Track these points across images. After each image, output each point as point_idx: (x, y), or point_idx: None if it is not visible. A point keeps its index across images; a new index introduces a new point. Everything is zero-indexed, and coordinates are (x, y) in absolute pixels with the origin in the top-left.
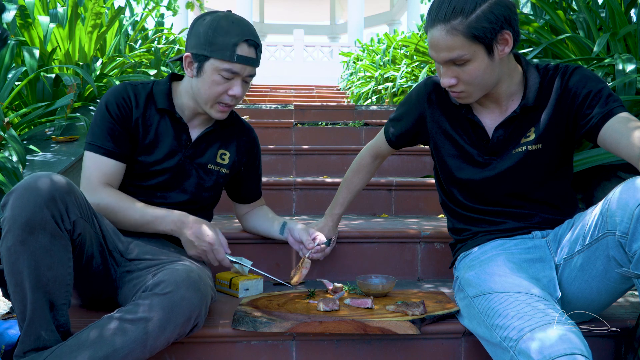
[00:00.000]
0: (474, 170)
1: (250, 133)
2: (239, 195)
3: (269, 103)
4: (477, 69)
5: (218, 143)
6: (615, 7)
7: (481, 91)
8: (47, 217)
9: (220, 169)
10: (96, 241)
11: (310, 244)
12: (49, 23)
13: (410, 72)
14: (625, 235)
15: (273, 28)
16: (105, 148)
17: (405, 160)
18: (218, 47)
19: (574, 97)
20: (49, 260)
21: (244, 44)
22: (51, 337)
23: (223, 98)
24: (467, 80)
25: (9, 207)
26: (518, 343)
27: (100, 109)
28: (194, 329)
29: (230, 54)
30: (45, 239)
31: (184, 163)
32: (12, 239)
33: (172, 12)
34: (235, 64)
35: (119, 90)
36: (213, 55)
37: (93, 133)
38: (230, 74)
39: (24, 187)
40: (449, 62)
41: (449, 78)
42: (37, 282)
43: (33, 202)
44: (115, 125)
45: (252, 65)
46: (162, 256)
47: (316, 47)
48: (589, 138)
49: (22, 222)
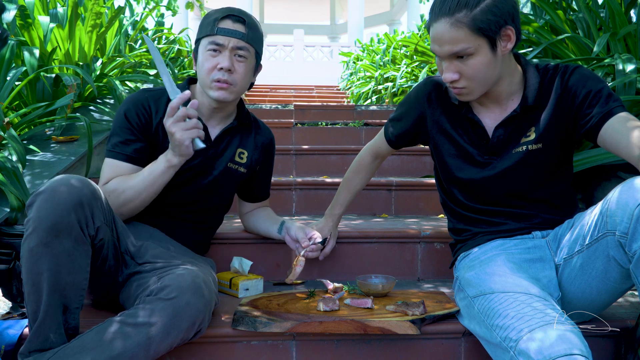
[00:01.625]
0: (474, 170)
1: (267, 132)
2: (249, 194)
3: (269, 103)
4: (480, 64)
5: (237, 142)
6: (615, 7)
7: (483, 87)
8: (73, 222)
9: (239, 168)
10: (111, 244)
11: (306, 242)
12: (49, 23)
13: (410, 72)
14: (625, 235)
15: (273, 28)
16: (125, 154)
17: (405, 160)
18: (203, 26)
19: (574, 96)
20: (70, 265)
21: (227, 19)
22: (58, 340)
23: (214, 74)
24: (469, 75)
25: (35, 207)
26: (518, 343)
27: (119, 116)
28: (198, 334)
29: (212, 27)
30: (69, 244)
31: (205, 162)
32: (36, 239)
33: (172, 12)
34: (217, 36)
35: (137, 98)
36: (200, 35)
37: (113, 140)
38: (215, 46)
39: (52, 188)
40: (452, 56)
41: (452, 73)
42: (56, 286)
43: (61, 205)
44: (134, 132)
45: (236, 37)
46: (169, 259)
47: (316, 47)
48: (589, 138)
49: (48, 224)
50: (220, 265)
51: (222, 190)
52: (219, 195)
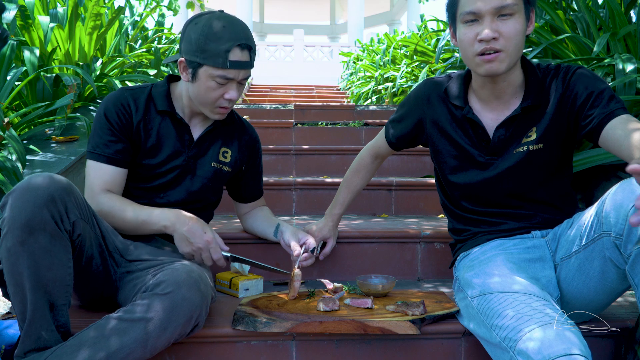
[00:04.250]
0: (474, 171)
1: (251, 131)
2: (239, 194)
3: (269, 103)
4: (517, 26)
5: (220, 141)
6: (615, 7)
7: (512, 58)
8: (46, 218)
9: (223, 167)
10: (96, 242)
11: (297, 252)
12: (49, 23)
13: (410, 72)
14: (620, 237)
15: (273, 28)
16: (106, 155)
17: (405, 160)
18: (210, 54)
19: (576, 97)
20: (49, 260)
21: (237, 48)
22: (52, 337)
23: (220, 102)
24: (508, 34)
25: (8, 207)
26: (517, 343)
27: (99, 117)
28: (195, 329)
29: (223, 61)
30: (45, 240)
31: (188, 163)
32: (11, 239)
33: (173, 12)
34: (229, 70)
35: (117, 97)
36: (206, 62)
37: (93, 141)
38: (224, 80)
39: (23, 187)
40: (496, 12)
41: (492, 32)
42: (37, 283)
43: (32, 202)
44: (115, 132)
45: (246, 68)
46: (161, 256)
47: (316, 47)
48: (590, 138)
49: (21, 222)
50: (214, 264)
51: (208, 189)
52: (205, 194)
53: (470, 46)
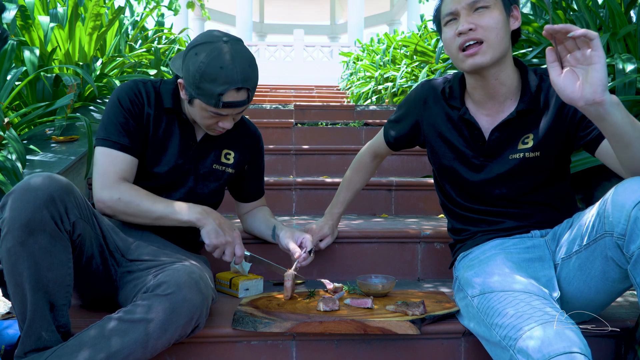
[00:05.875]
0: (469, 173)
1: (253, 130)
2: (241, 194)
3: (269, 103)
4: (495, 18)
5: (223, 143)
6: (615, 7)
7: (495, 50)
8: (46, 218)
9: (226, 169)
10: (96, 241)
11: (297, 254)
12: (49, 23)
13: (410, 72)
14: (622, 237)
15: (273, 28)
16: (121, 143)
17: (405, 160)
18: (204, 93)
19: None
20: (49, 261)
21: (232, 91)
22: (52, 338)
23: (214, 127)
24: (485, 25)
25: (7, 208)
26: (517, 342)
27: (113, 104)
28: (195, 330)
29: (216, 102)
30: (45, 240)
31: (189, 164)
32: (11, 240)
33: (173, 12)
34: (222, 109)
35: (130, 87)
36: (200, 98)
37: (106, 129)
38: (218, 116)
39: (22, 187)
40: (470, 7)
41: (469, 24)
42: (37, 283)
43: (32, 202)
44: (129, 120)
45: (241, 106)
46: (162, 257)
47: (316, 47)
48: (587, 149)
49: (21, 223)
50: (220, 265)
51: (209, 190)
52: (205, 196)
53: (452, 42)
